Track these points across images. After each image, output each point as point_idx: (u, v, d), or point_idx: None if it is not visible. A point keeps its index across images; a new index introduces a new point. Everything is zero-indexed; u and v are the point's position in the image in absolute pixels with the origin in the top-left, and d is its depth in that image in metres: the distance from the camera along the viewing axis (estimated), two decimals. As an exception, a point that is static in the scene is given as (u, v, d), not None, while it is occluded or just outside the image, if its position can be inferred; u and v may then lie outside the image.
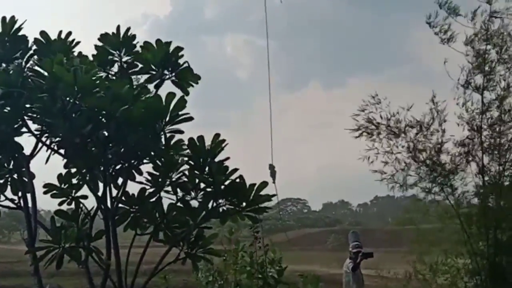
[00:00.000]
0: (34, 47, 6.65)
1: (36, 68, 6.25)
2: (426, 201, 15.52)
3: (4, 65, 6.46)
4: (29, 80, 6.18)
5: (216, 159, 6.27)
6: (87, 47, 6.89)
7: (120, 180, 6.49)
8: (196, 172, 6.31)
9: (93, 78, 5.93)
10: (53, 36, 6.70)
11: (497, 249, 13.78)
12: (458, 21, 13.93)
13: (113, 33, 6.73)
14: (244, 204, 6.38)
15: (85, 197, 6.74)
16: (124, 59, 6.84)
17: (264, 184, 6.34)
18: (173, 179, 6.41)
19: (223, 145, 6.25)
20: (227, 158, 6.28)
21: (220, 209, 6.45)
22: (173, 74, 6.69)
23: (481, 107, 13.92)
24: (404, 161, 14.37)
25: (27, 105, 6.13)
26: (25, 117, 6.28)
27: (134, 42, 6.81)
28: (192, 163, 6.32)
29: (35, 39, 6.61)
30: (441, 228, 15.21)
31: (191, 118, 6.28)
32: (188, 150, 6.35)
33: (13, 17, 6.60)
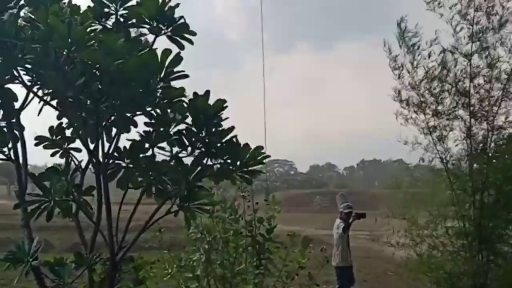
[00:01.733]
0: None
1: (31, 17, 6.07)
2: (413, 165, 15.72)
3: None
4: (24, 30, 6.03)
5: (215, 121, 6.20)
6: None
7: (113, 133, 6.40)
8: (194, 130, 6.25)
9: (88, 30, 5.81)
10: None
11: (483, 213, 14.02)
12: None
13: None
14: (238, 164, 6.33)
15: (78, 150, 6.68)
16: (121, 12, 6.63)
17: (259, 148, 6.29)
18: (170, 135, 6.33)
19: (224, 105, 6.16)
20: (226, 118, 6.21)
21: (214, 168, 6.41)
22: (169, 29, 6.54)
23: (469, 71, 14.04)
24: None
25: (21, 56, 5.99)
26: (18, 68, 6.15)
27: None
28: (190, 121, 6.25)
29: (27, -14, 6.40)
30: (428, 192, 15.40)
31: (186, 76, 6.18)
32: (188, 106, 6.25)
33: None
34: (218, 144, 6.25)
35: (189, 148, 6.38)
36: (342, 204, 12.95)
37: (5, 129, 6.50)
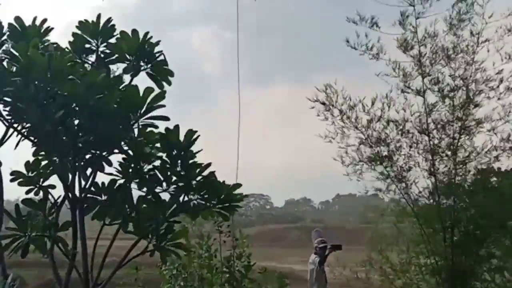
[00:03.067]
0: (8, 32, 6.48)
1: (11, 50, 6.10)
2: (386, 200, 15.76)
3: None
4: (2, 64, 6.06)
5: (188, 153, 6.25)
6: (55, 34, 6.78)
7: (89, 170, 6.40)
8: (167, 165, 6.28)
9: (68, 64, 5.85)
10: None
11: (455, 249, 14.06)
12: (384, 31, 14.27)
13: (92, 21, 6.63)
14: (215, 200, 6.39)
15: (53, 186, 6.63)
16: (101, 48, 6.74)
17: (237, 185, 6.39)
18: (145, 171, 6.36)
19: (195, 137, 6.23)
20: (200, 150, 6.25)
21: (191, 204, 6.43)
22: (149, 65, 6.64)
23: (424, 108, 14.18)
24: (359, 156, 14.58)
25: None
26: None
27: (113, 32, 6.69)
28: (163, 155, 6.29)
29: (9, 24, 6.46)
30: (400, 228, 15.44)
31: (166, 118, 6.24)
32: (160, 141, 6.30)
33: (-16, 1, 6.45)
34: (196, 180, 6.29)
35: (164, 184, 6.40)
36: (316, 239, 12.95)
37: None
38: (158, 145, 6.33)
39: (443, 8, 13.92)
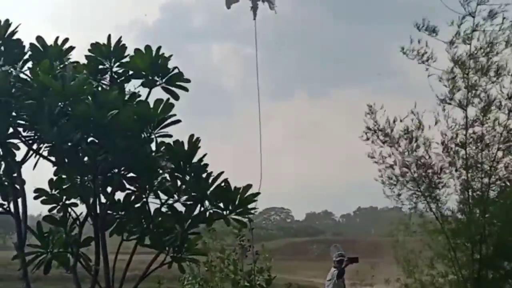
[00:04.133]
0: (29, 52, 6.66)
1: (23, 76, 6.30)
2: (409, 213, 15.64)
3: None
4: (18, 87, 6.23)
5: (196, 159, 6.41)
6: (77, 53, 6.97)
7: (109, 188, 6.57)
8: (177, 174, 6.40)
9: (82, 85, 5.99)
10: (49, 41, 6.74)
11: (482, 264, 13.90)
12: (439, 39, 14.08)
13: (103, 43, 6.78)
14: (230, 207, 6.48)
15: (75, 204, 6.79)
16: (115, 68, 6.89)
17: (248, 186, 6.45)
18: (155, 184, 6.50)
19: (198, 143, 6.39)
20: (205, 155, 6.42)
21: (207, 213, 6.54)
22: (163, 80, 6.78)
23: (465, 122, 14.04)
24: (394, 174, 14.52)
25: (17, 113, 6.18)
26: (16, 124, 6.32)
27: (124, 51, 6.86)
28: (173, 166, 6.42)
29: (31, 44, 6.65)
30: (426, 241, 15.28)
31: (178, 121, 6.41)
32: (167, 155, 6.45)
33: (7, 20, 6.63)
34: (210, 190, 6.40)
35: (175, 195, 6.52)
36: (334, 254, 12.95)
37: (6, 183, 6.64)
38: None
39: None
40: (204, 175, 6.40)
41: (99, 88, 6.61)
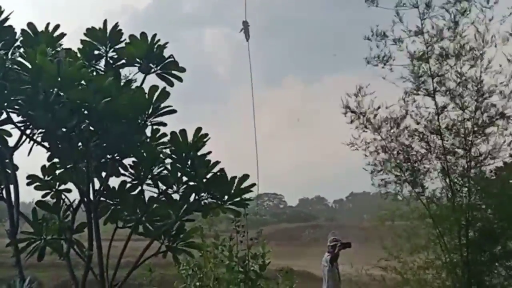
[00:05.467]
0: (21, 38, 6.60)
1: (20, 59, 6.22)
2: (400, 197, 15.77)
3: None
4: (14, 71, 6.17)
5: (199, 153, 6.32)
6: (68, 38, 6.88)
7: (103, 174, 6.52)
8: (178, 165, 6.35)
9: (77, 70, 5.94)
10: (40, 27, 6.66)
11: (469, 246, 14.07)
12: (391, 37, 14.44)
13: (99, 28, 6.73)
14: (226, 197, 6.43)
15: (68, 190, 6.74)
16: (110, 54, 6.85)
17: (245, 176, 6.38)
18: (155, 173, 6.45)
19: (205, 139, 6.30)
20: (209, 152, 6.33)
21: (202, 202, 6.49)
22: (158, 67, 6.75)
23: (435, 109, 14.27)
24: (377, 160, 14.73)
25: (11, 97, 6.12)
26: (9, 109, 6.27)
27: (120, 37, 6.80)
28: (175, 156, 6.34)
29: (22, 30, 6.57)
30: (414, 226, 15.44)
31: (174, 111, 6.36)
32: (169, 144, 6.39)
33: (-1, 7, 6.54)
34: (205, 178, 6.36)
35: (175, 186, 6.50)
36: (329, 239, 13.04)
37: (-2, 169, 6.61)
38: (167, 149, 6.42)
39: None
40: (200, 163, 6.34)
41: (94, 74, 6.56)
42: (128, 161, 6.52)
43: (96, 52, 6.82)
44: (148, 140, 6.45)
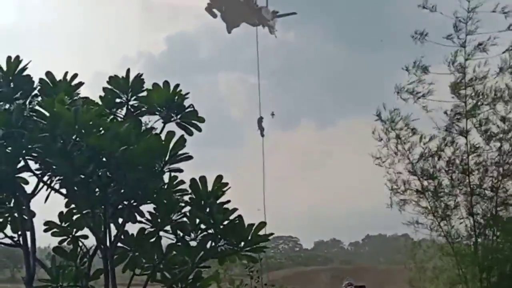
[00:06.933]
0: (38, 87, 6.68)
1: (38, 108, 6.32)
2: (417, 240, 15.62)
3: (7, 105, 6.53)
4: (32, 120, 6.27)
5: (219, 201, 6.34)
6: (85, 85, 6.94)
7: (120, 220, 6.54)
8: (197, 212, 6.36)
9: (95, 117, 6.02)
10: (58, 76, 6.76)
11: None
12: (433, 72, 14.32)
13: (122, 76, 6.84)
14: (242, 244, 6.42)
15: (85, 236, 6.75)
16: (131, 102, 6.94)
17: (262, 224, 6.39)
18: (173, 220, 6.46)
19: (225, 188, 6.34)
20: (228, 201, 6.35)
21: (219, 249, 6.48)
22: (178, 116, 6.82)
23: (467, 149, 14.16)
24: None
25: (29, 146, 6.19)
26: (27, 157, 6.33)
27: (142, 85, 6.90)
28: (193, 204, 6.37)
29: (40, 79, 6.66)
30: (436, 267, 15.24)
31: (190, 157, 6.39)
32: (188, 191, 6.41)
33: (17, 56, 6.65)
34: (223, 224, 6.35)
35: (192, 233, 6.48)
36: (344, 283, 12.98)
37: (15, 215, 6.65)
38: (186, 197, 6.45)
39: (493, 52, 14.03)
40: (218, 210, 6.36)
41: (114, 121, 6.65)
42: (146, 208, 6.54)
43: (117, 100, 6.91)
44: (166, 186, 6.46)
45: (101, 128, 6.08)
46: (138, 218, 6.53)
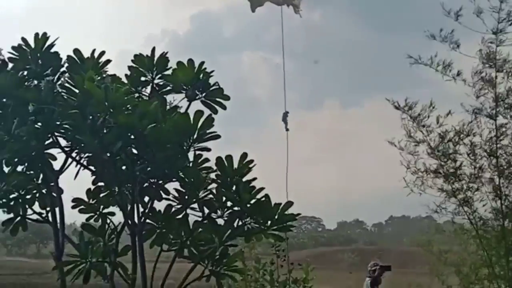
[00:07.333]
0: (66, 64, 6.73)
1: (67, 85, 6.37)
2: (440, 222, 15.44)
3: (35, 81, 6.58)
4: (61, 96, 6.33)
5: (243, 179, 6.35)
6: (111, 64, 6.98)
7: (146, 198, 6.59)
8: (223, 190, 6.38)
9: (124, 95, 6.04)
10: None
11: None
12: (462, 53, 13.96)
13: (147, 55, 6.83)
14: (269, 222, 6.44)
15: (112, 213, 6.81)
16: (156, 81, 6.94)
17: (289, 203, 6.40)
18: (200, 197, 6.48)
19: (251, 165, 6.34)
20: (254, 179, 6.35)
21: (245, 227, 6.51)
22: (203, 94, 6.82)
23: (495, 131, 13.92)
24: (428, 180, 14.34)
25: (58, 122, 6.25)
26: (56, 134, 6.40)
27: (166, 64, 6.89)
28: (220, 181, 6.39)
29: (68, 56, 6.69)
30: (460, 250, 15.07)
31: (218, 136, 6.41)
32: (214, 169, 6.43)
33: (45, 33, 6.71)
34: (249, 203, 6.37)
35: (219, 210, 6.53)
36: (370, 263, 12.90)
37: (44, 192, 6.72)
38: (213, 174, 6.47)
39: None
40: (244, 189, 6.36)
41: (140, 99, 6.66)
42: (172, 186, 6.58)
43: (142, 78, 6.91)
44: (191, 164, 6.47)
45: (129, 106, 6.10)
46: (164, 195, 6.58)
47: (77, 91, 6.10)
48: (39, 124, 6.33)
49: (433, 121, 14.04)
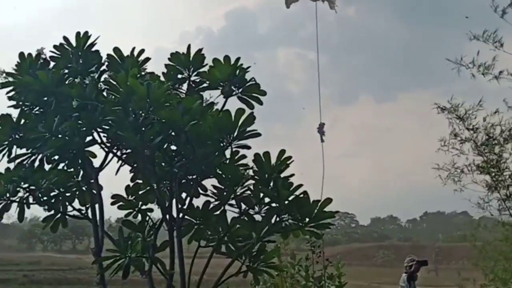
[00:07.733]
0: (106, 62, 6.88)
1: (111, 81, 6.47)
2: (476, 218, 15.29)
3: (77, 79, 6.69)
4: (103, 93, 6.45)
5: (281, 175, 6.36)
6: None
7: (183, 194, 6.67)
8: (261, 187, 6.41)
9: (165, 92, 6.14)
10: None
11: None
12: (506, 51, 13.66)
13: (183, 52, 6.94)
14: (307, 219, 6.45)
15: (151, 210, 6.91)
16: (193, 78, 7.05)
17: (328, 200, 6.40)
18: (238, 193, 6.52)
19: (288, 162, 6.35)
20: (292, 175, 6.37)
21: (283, 224, 6.53)
22: (240, 90, 6.86)
23: None
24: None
25: (100, 118, 6.35)
26: (98, 129, 6.52)
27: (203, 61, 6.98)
28: (257, 178, 6.41)
29: (108, 55, 6.85)
30: (501, 245, 14.90)
31: (258, 134, 6.45)
32: (252, 166, 6.46)
33: (86, 32, 6.87)
34: (288, 200, 6.38)
35: (256, 207, 6.56)
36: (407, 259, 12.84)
37: (84, 189, 6.84)
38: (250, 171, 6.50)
39: None
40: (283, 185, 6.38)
41: (180, 97, 6.75)
42: (210, 182, 6.65)
43: (179, 76, 7.02)
44: (228, 161, 6.53)
45: (171, 102, 6.20)
46: (201, 192, 6.67)
47: (120, 88, 6.18)
48: (82, 120, 6.43)
49: (479, 120, 13.85)
